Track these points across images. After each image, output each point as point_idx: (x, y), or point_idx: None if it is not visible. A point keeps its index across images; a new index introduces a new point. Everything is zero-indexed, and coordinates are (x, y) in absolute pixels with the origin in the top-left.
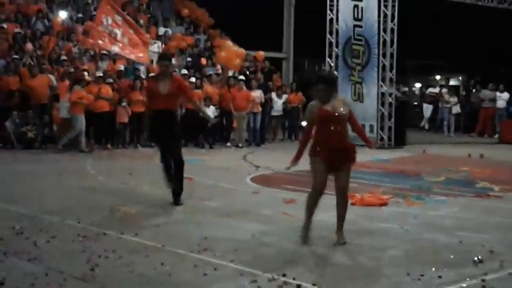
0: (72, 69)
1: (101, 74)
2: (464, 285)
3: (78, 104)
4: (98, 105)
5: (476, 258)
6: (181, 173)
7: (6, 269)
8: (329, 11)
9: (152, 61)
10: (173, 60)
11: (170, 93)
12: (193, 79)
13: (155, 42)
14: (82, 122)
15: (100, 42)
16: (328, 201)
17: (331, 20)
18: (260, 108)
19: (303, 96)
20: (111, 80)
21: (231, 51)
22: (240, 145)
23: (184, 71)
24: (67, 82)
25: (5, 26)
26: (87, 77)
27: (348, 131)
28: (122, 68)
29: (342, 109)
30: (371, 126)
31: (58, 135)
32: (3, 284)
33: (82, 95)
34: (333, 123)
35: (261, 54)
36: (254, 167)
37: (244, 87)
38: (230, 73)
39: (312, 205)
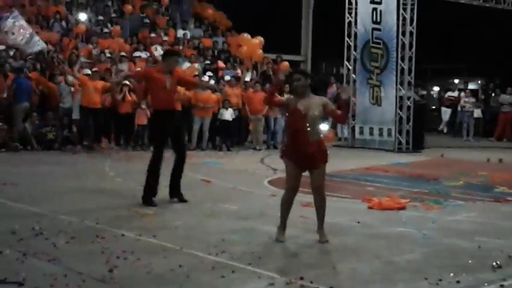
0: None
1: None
2: None
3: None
4: (122, 107)
5: (494, 264)
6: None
7: (26, 270)
8: (347, 14)
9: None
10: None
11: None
12: (212, 82)
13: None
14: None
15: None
16: (344, 204)
17: (349, 23)
18: (279, 114)
19: None
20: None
21: (251, 44)
22: (258, 148)
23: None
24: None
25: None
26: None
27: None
28: (138, 69)
29: (315, 111)
30: (389, 129)
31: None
32: (23, 285)
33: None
34: (301, 124)
35: (285, 64)
36: (272, 169)
37: (260, 90)
38: (248, 75)
39: (285, 205)
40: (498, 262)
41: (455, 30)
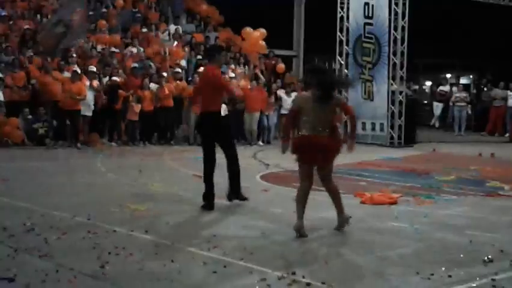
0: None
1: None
2: (474, 284)
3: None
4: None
5: (486, 258)
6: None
7: (17, 266)
8: (339, 9)
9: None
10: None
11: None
12: None
13: (170, 40)
14: None
15: None
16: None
17: (341, 17)
18: (272, 111)
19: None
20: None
21: (253, 37)
22: (252, 143)
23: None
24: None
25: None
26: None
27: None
28: (135, 65)
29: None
30: (381, 124)
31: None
32: (14, 281)
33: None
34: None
35: (282, 67)
36: (264, 165)
37: (256, 87)
38: (246, 70)
39: (302, 199)
40: (490, 256)
41: (447, 24)
